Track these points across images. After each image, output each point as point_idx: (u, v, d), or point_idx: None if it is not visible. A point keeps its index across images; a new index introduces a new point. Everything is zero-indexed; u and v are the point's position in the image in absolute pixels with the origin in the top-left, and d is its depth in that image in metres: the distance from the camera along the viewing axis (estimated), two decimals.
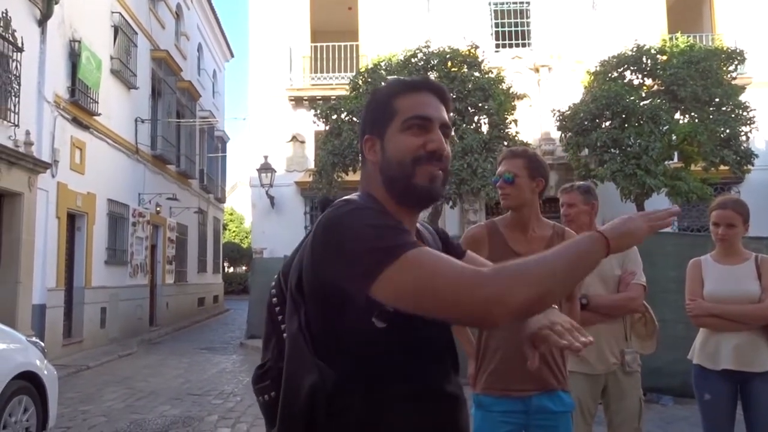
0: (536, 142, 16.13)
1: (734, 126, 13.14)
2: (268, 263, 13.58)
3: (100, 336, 12.29)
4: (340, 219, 1.12)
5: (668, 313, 5.41)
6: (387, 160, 1.25)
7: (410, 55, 13.73)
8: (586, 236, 1.14)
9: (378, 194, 1.26)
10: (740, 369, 2.96)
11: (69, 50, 11.38)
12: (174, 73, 17.33)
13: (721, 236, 3.07)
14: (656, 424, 5.61)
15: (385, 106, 1.28)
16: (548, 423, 2.28)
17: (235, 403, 7.09)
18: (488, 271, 1.05)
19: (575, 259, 1.10)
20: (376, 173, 1.28)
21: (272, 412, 1.22)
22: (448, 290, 1.02)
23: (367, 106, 1.34)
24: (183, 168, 18.19)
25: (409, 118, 1.24)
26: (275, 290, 1.28)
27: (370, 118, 1.30)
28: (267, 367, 1.26)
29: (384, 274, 1.04)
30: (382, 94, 1.31)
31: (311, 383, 1.11)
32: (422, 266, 1.04)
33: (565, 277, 1.08)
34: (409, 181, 1.23)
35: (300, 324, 1.14)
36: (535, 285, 1.04)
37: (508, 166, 2.39)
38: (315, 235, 1.14)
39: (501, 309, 1.02)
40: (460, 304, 1.02)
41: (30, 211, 9.79)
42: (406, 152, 1.23)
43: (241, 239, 39.68)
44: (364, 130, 1.31)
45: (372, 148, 1.28)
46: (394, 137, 1.25)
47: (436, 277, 1.03)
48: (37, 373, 4.85)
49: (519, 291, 1.02)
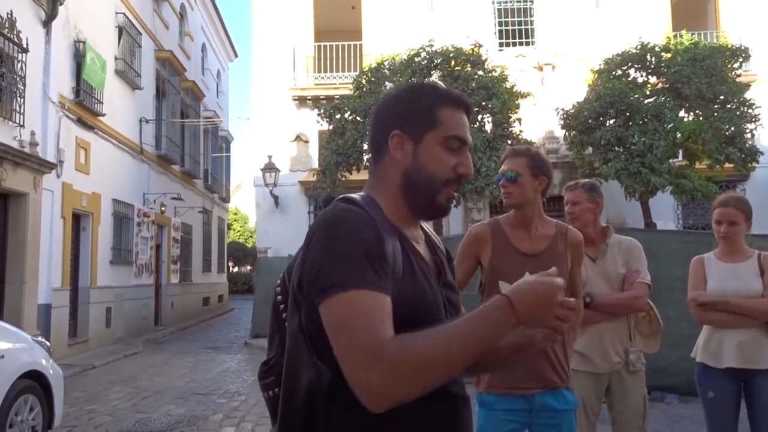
0: (540, 141, 16.11)
1: (739, 123, 13.09)
2: (272, 263, 13.61)
3: (105, 335, 12.33)
4: (328, 225, 1.13)
5: (673, 311, 5.40)
6: (418, 167, 1.23)
7: (414, 54, 13.73)
8: (492, 305, 1.09)
9: (387, 193, 1.25)
10: (744, 366, 2.96)
11: (74, 51, 11.42)
12: (178, 73, 17.37)
13: (723, 234, 3.06)
14: (661, 423, 5.60)
15: (427, 111, 1.25)
16: (552, 421, 2.28)
17: (240, 402, 7.11)
18: (388, 351, 1.01)
19: (481, 336, 1.06)
20: (396, 173, 1.25)
21: (276, 408, 1.22)
22: (348, 352, 1.03)
23: (401, 100, 1.28)
24: (187, 168, 18.23)
25: (451, 136, 1.24)
26: (280, 288, 1.28)
27: (406, 116, 1.25)
28: (272, 363, 1.26)
29: (325, 302, 1.07)
30: (425, 97, 1.26)
31: (308, 381, 1.11)
32: (347, 313, 1.04)
33: (462, 357, 1.05)
34: (433, 197, 1.25)
35: (300, 322, 1.15)
36: (426, 375, 1.03)
37: (510, 164, 2.39)
38: (308, 234, 1.16)
39: (380, 400, 1.03)
40: (352, 372, 1.03)
41: (35, 212, 9.83)
42: (441, 169, 1.23)
43: (246, 239, 39.76)
44: (393, 124, 1.25)
45: (401, 146, 1.24)
46: (432, 148, 1.24)
47: (349, 333, 1.04)
48: (43, 372, 4.88)
49: (404, 385, 1.01)
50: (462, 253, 2.49)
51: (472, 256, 2.47)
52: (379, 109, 1.32)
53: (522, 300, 1.08)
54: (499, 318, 1.07)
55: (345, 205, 1.18)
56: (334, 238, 1.11)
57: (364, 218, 1.15)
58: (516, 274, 2.33)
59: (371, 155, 1.32)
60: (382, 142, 1.27)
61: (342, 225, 1.13)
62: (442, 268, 1.31)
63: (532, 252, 2.36)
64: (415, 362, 1.01)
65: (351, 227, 1.12)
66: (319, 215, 1.18)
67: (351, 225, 1.12)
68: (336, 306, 1.06)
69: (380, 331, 1.04)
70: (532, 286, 1.11)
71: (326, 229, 1.13)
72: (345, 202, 1.21)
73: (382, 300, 1.07)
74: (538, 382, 2.27)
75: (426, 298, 1.19)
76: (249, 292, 25.83)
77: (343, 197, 1.23)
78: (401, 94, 1.30)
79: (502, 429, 2.28)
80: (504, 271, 2.34)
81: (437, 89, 1.28)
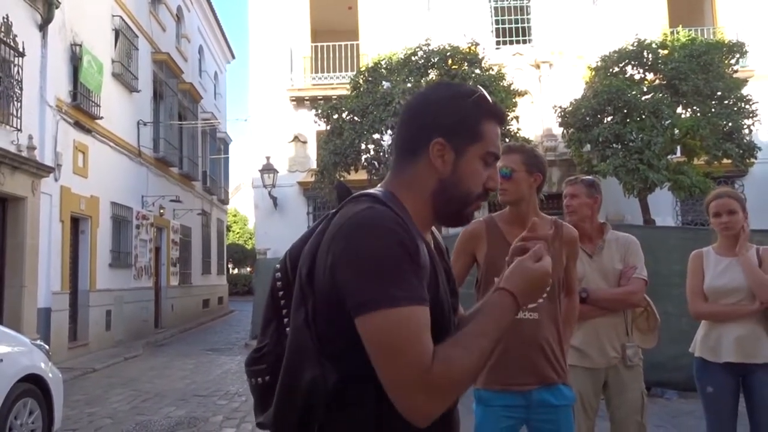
0: (538, 139, 16.12)
1: (736, 119, 13.10)
2: (272, 264, 13.57)
3: (105, 338, 12.33)
4: (369, 229, 1.08)
5: (672, 307, 5.40)
6: (456, 180, 1.22)
7: (411, 53, 13.73)
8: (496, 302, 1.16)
9: (415, 196, 1.22)
10: (742, 361, 2.96)
11: (70, 54, 11.42)
12: (175, 75, 17.37)
13: (725, 224, 3.07)
14: (661, 418, 5.60)
15: (474, 124, 1.23)
16: (549, 417, 2.28)
17: (240, 403, 7.11)
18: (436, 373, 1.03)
19: (499, 328, 1.13)
20: (431, 179, 1.22)
21: (264, 396, 1.21)
22: (397, 373, 1.03)
23: (446, 106, 1.23)
24: (186, 170, 18.23)
25: (491, 152, 1.25)
26: (280, 274, 1.24)
27: (451, 125, 1.22)
28: (264, 351, 1.23)
29: (370, 315, 1.03)
30: (472, 108, 1.23)
31: (311, 378, 1.09)
32: (398, 332, 1.03)
33: (487, 359, 1.11)
34: (463, 209, 1.26)
35: (307, 317, 1.12)
36: (465, 386, 1.09)
37: (505, 161, 2.38)
38: (338, 235, 1.10)
39: (429, 418, 1.05)
40: (400, 393, 1.04)
41: (34, 215, 9.82)
42: (476, 184, 1.24)
43: (245, 240, 39.75)
44: (436, 130, 1.21)
45: (441, 155, 1.21)
46: (473, 162, 1.23)
47: (400, 354, 1.03)
48: (42, 375, 4.87)
49: (449, 400, 1.08)
50: (457, 250, 2.48)
51: (468, 253, 2.47)
52: (418, 107, 1.27)
53: (523, 292, 1.17)
54: (509, 314, 1.15)
55: (380, 207, 1.13)
56: (374, 243, 1.06)
57: (402, 224, 1.11)
58: None
59: (401, 152, 1.27)
60: (420, 144, 1.23)
61: (384, 230, 1.08)
62: (450, 274, 1.31)
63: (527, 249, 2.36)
64: (459, 377, 1.05)
65: (393, 233, 1.08)
66: (350, 214, 1.12)
67: (393, 231, 1.08)
68: (381, 323, 1.02)
69: (425, 353, 1.03)
70: (527, 274, 1.19)
71: (364, 233, 1.07)
72: (374, 200, 1.16)
73: (425, 314, 1.06)
74: (534, 378, 2.27)
75: (444, 307, 1.18)
76: (249, 294, 25.82)
77: (367, 195, 1.19)
78: (446, 99, 1.25)
79: (499, 425, 2.27)
80: (500, 268, 2.31)
81: (484, 102, 1.25)
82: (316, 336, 1.11)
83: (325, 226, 1.17)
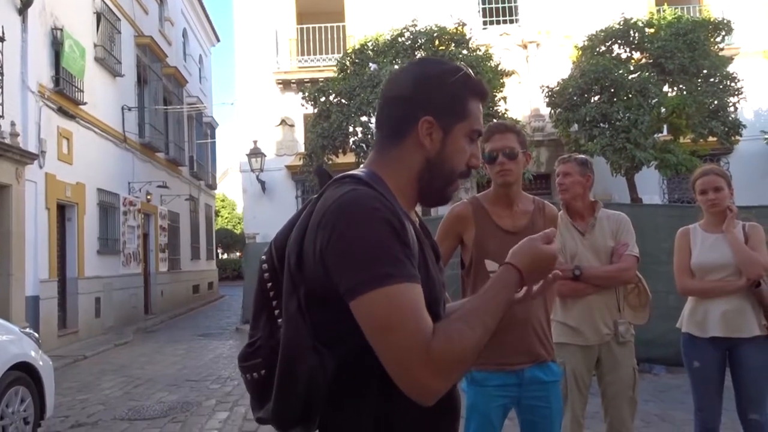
0: (526, 119, 16.12)
1: (722, 97, 13.17)
2: (261, 248, 13.53)
3: (95, 326, 12.29)
4: (355, 211, 1.07)
5: (660, 284, 5.45)
6: (443, 158, 1.21)
7: (397, 34, 13.63)
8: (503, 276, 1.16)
9: (400, 175, 1.21)
10: (728, 335, 3.01)
11: (51, 39, 11.21)
12: (159, 59, 17.14)
13: (712, 201, 3.10)
14: (650, 393, 5.69)
15: (461, 101, 1.22)
16: (540, 393, 2.31)
17: (233, 386, 7.13)
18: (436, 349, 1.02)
19: (502, 305, 1.12)
20: (419, 158, 1.21)
21: (261, 390, 1.19)
22: (397, 352, 1.02)
23: (433, 83, 1.22)
24: (172, 155, 18.06)
25: (475, 129, 1.25)
26: (267, 265, 1.22)
27: (437, 101, 1.20)
28: (258, 344, 1.20)
29: (364, 297, 1.02)
30: (458, 86, 1.22)
31: (310, 367, 1.08)
32: (393, 310, 1.01)
33: (493, 326, 1.10)
34: (446, 188, 1.25)
35: (299, 305, 1.10)
36: (469, 361, 1.07)
37: (504, 141, 2.37)
38: (324, 220, 1.08)
39: (433, 396, 1.04)
40: (402, 372, 1.02)
41: (19, 203, 9.72)
42: (461, 162, 1.24)
43: (234, 225, 39.62)
44: (425, 108, 1.20)
45: (430, 134, 1.20)
46: (459, 140, 1.23)
47: (397, 330, 1.01)
48: (33, 363, 4.85)
49: (454, 376, 1.05)
50: (443, 232, 2.48)
51: (454, 235, 2.46)
52: (404, 84, 1.24)
53: (529, 269, 1.17)
54: (511, 287, 1.15)
55: (364, 188, 1.12)
56: (360, 226, 1.05)
57: (387, 203, 1.10)
58: (500, 252, 2.33)
59: (386, 130, 1.25)
60: (407, 122, 1.21)
61: (369, 211, 1.07)
62: (437, 251, 1.30)
63: (514, 229, 2.37)
64: (461, 353, 1.04)
65: (379, 214, 1.06)
66: (336, 197, 1.10)
67: (378, 211, 1.07)
68: (375, 303, 1.01)
69: (425, 328, 1.02)
70: (535, 253, 1.19)
71: (350, 216, 1.06)
72: (357, 182, 1.14)
73: (418, 290, 1.05)
74: (528, 357, 2.29)
75: (435, 285, 1.18)
76: (239, 279, 25.78)
77: (350, 176, 1.17)
78: (433, 77, 1.23)
79: (493, 404, 2.30)
80: (489, 249, 2.35)
81: (469, 79, 1.24)
82: (310, 324, 1.10)
83: (309, 211, 1.15)
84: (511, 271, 1.16)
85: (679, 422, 4.89)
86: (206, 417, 5.82)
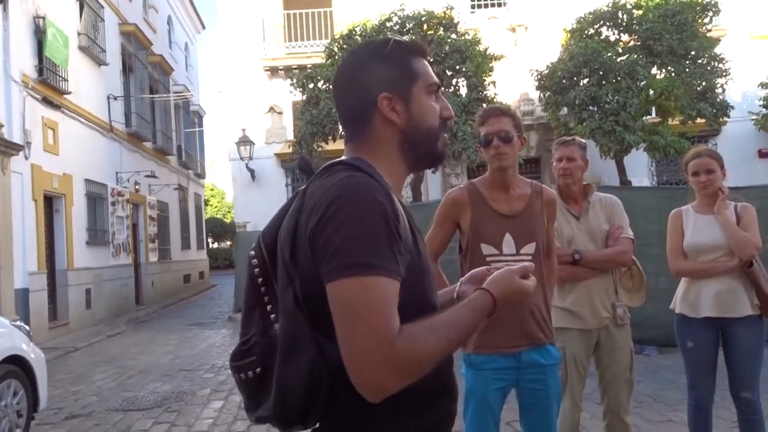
0: (515, 103, 16.10)
1: (710, 78, 13.22)
2: (251, 237, 13.51)
3: (86, 317, 12.23)
4: (353, 197, 1.06)
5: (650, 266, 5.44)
6: (416, 122, 1.22)
7: (385, 19, 13.53)
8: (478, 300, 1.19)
9: (382, 157, 1.21)
10: (721, 315, 3.03)
11: (34, 27, 11.03)
12: (144, 47, 16.92)
13: (704, 183, 3.10)
14: (641, 374, 5.73)
15: (405, 66, 1.23)
16: (538, 377, 2.31)
17: (227, 375, 7.12)
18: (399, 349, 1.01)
19: (470, 326, 1.15)
20: (392, 134, 1.22)
21: (256, 390, 1.17)
22: (358, 343, 1.01)
23: (374, 61, 1.23)
24: (160, 145, 17.90)
25: (431, 83, 1.26)
26: (256, 260, 1.20)
27: (386, 76, 1.22)
28: (252, 342, 1.17)
29: (339, 282, 1.02)
30: (396, 53, 1.24)
31: (311, 358, 1.06)
32: (365, 300, 1.00)
33: (456, 343, 1.12)
34: (433, 147, 1.26)
35: (296, 298, 1.09)
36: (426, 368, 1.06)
37: (499, 124, 2.35)
38: (321, 205, 1.07)
39: (381, 394, 1.03)
40: (357, 365, 1.02)
41: (5, 195, 9.60)
42: (434, 117, 1.25)
43: (224, 214, 39.46)
44: (377, 87, 1.21)
45: (392, 108, 1.21)
46: (422, 100, 1.24)
47: (364, 321, 1.00)
48: (24, 356, 4.81)
49: (408, 379, 1.04)
50: (440, 217, 2.47)
51: (450, 220, 2.45)
52: (348, 76, 1.25)
53: (502, 298, 1.21)
54: (484, 312, 1.18)
55: (361, 174, 1.11)
56: (356, 212, 1.04)
57: (383, 191, 1.09)
58: (496, 235, 2.35)
59: (351, 123, 1.25)
60: (367, 107, 1.22)
61: (367, 199, 1.06)
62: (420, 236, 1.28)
63: (511, 213, 2.37)
64: (421, 358, 1.04)
65: (374, 203, 1.06)
66: (331, 184, 1.09)
67: (374, 200, 1.06)
68: (351, 290, 1.01)
69: (391, 325, 1.01)
70: (512, 285, 1.24)
71: (347, 202, 1.05)
72: (352, 169, 1.13)
73: (395, 287, 1.04)
74: (525, 340, 2.29)
75: (429, 270, 1.19)
76: (230, 268, 25.72)
77: (342, 163, 1.17)
78: (369, 58, 1.24)
79: (491, 387, 2.30)
80: (485, 233, 2.34)
81: (402, 44, 1.26)
82: (308, 315, 1.09)
83: (298, 203, 1.14)
84: (486, 297, 1.19)
85: (671, 402, 4.95)
86: (201, 406, 5.82)
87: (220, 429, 5.06)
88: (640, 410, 4.69)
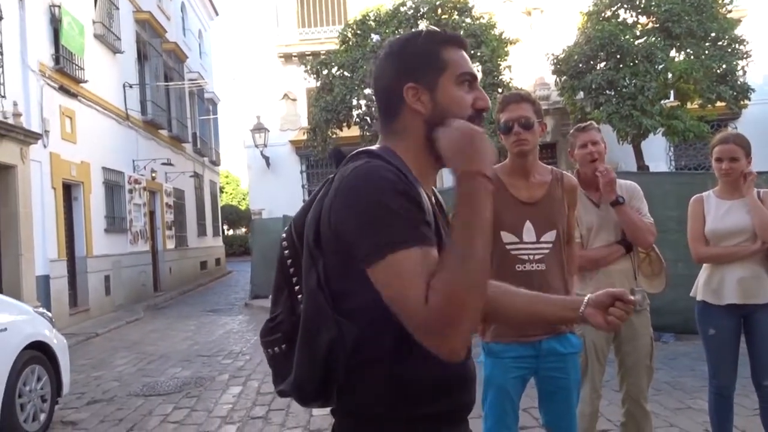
0: (531, 88, 15.96)
1: (730, 61, 12.98)
2: (267, 224, 13.61)
3: (105, 303, 12.40)
4: (367, 181, 1.09)
5: (669, 252, 5.38)
6: (440, 112, 1.20)
7: (399, 3, 13.44)
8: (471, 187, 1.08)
9: (409, 147, 1.22)
10: (744, 302, 2.99)
11: (50, 16, 11.09)
12: (158, 35, 16.96)
13: (725, 171, 3.05)
14: (660, 361, 5.68)
15: (433, 56, 1.23)
16: (558, 365, 2.30)
17: (245, 361, 7.21)
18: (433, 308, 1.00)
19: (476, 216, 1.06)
20: (418, 124, 1.22)
21: (281, 365, 1.23)
22: (409, 318, 1.03)
23: (403, 52, 1.25)
24: (175, 132, 18.00)
25: (463, 73, 1.23)
26: (287, 243, 1.26)
27: (412, 66, 1.22)
28: (279, 320, 1.25)
29: (376, 265, 1.04)
30: (425, 42, 1.24)
31: (330, 339, 1.10)
32: (400, 278, 1.02)
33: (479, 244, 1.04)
34: None
35: (318, 279, 1.13)
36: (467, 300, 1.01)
37: (520, 110, 2.33)
38: (339, 191, 1.11)
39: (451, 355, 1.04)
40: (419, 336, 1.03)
41: (25, 183, 9.72)
42: (462, 108, 1.22)
43: (239, 201, 39.68)
44: (404, 78, 1.22)
45: (418, 98, 1.21)
46: (450, 90, 1.22)
47: (405, 298, 1.02)
48: (47, 342, 4.90)
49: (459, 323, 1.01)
50: None
51: None
52: (380, 67, 1.28)
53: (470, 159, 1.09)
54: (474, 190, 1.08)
55: (379, 162, 1.14)
56: (371, 193, 1.07)
57: (400, 175, 1.11)
58: (516, 223, 2.34)
59: (383, 116, 1.28)
60: (394, 98, 1.23)
61: (377, 179, 1.08)
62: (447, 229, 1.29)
63: (531, 200, 2.35)
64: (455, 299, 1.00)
65: (386, 181, 1.08)
66: (350, 171, 1.13)
67: (385, 179, 1.08)
68: (378, 276, 1.04)
69: (419, 294, 1.01)
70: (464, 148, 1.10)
71: (361, 185, 1.09)
72: (372, 157, 1.17)
73: (415, 254, 1.04)
74: (545, 328, 2.28)
75: None
76: (245, 254, 25.93)
77: (364, 151, 1.20)
78: (400, 47, 1.26)
79: (510, 376, 2.30)
80: (504, 221, 2.33)
81: (433, 33, 1.27)
82: (329, 295, 1.12)
83: (326, 191, 1.18)
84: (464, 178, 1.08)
85: (689, 389, 4.92)
86: (220, 392, 5.89)
87: (239, 414, 5.12)
88: (658, 397, 4.67)
